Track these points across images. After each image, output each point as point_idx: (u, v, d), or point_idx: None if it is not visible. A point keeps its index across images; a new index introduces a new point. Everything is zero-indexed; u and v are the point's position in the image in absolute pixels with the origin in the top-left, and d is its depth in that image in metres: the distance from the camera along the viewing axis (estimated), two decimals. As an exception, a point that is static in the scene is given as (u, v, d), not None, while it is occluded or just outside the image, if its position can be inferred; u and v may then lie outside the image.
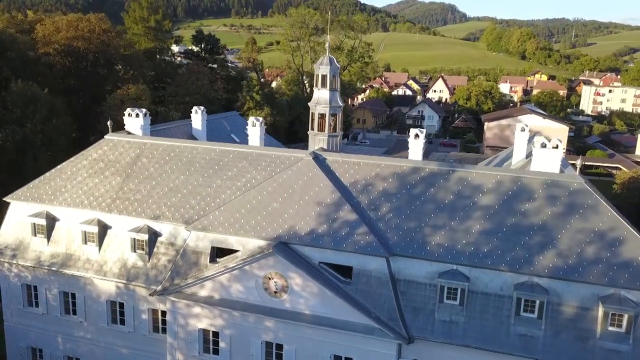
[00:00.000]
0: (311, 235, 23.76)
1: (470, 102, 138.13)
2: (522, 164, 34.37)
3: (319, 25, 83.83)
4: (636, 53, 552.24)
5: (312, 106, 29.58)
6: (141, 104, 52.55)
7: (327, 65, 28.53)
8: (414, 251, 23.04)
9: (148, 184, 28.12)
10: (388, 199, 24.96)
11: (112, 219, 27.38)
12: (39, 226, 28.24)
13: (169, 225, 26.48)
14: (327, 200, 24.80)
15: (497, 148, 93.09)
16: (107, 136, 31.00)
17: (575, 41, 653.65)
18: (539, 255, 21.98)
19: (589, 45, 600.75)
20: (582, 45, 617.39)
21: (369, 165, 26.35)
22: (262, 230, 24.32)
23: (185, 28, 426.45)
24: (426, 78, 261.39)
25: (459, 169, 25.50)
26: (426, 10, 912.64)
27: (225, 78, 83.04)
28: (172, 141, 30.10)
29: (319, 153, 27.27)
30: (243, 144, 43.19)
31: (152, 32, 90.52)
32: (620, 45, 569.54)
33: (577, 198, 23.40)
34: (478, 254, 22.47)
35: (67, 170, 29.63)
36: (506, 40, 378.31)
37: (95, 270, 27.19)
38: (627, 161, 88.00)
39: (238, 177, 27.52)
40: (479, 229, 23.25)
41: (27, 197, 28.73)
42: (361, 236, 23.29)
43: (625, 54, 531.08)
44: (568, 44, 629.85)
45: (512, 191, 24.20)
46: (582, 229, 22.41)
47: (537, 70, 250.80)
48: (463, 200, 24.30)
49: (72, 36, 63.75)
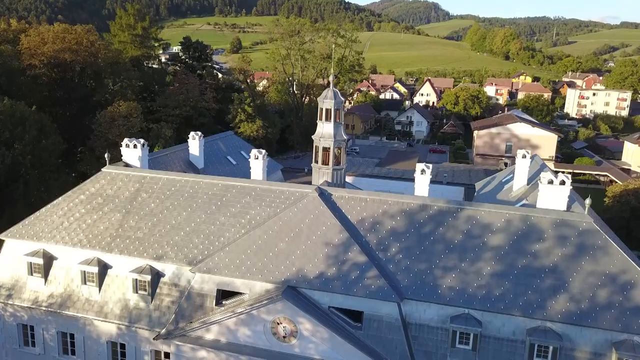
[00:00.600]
0: (320, 278, 23.35)
1: (458, 106, 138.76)
2: (524, 190, 34.42)
3: (309, 36, 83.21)
4: (615, 52, 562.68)
5: (316, 139, 29.12)
6: (132, 121, 51.53)
7: (331, 100, 28.08)
8: (425, 295, 22.77)
9: (149, 221, 27.41)
10: (397, 238, 24.65)
11: (112, 259, 26.63)
12: (35, 265, 27.37)
13: (172, 266, 25.84)
14: (335, 241, 24.41)
15: (487, 156, 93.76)
16: (105, 169, 30.17)
17: (556, 39, 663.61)
18: (552, 299, 21.87)
19: (570, 44, 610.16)
20: (563, 43, 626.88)
21: (376, 202, 26.00)
22: (270, 274, 23.84)
23: (168, 27, 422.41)
24: (412, 80, 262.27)
25: (468, 206, 25.30)
26: (409, 8, 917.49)
27: (214, 87, 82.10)
28: (172, 175, 29.40)
29: (324, 189, 26.85)
30: (239, 165, 42.88)
31: (138, 39, 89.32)
32: (600, 44, 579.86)
33: (586, 238, 23.33)
34: (490, 298, 22.28)
35: (63, 205, 28.74)
36: (490, 41, 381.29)
37: (96, 311, 26.44)
38: (614, 169, 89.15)
39: (242, 214, 26.96)
40: (490, 271, 23.07)
41: (23, 234, 27.82)
42: (372, 280, 22.95)
43: (605, 52, 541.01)
44: (549, 42, 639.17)
45: (522, 231, 24.06)
46: (593, 271, 22.34)
47: (521, 72, 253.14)
48: (473, 240, 24.09)
49: (59, 48, 62.36)
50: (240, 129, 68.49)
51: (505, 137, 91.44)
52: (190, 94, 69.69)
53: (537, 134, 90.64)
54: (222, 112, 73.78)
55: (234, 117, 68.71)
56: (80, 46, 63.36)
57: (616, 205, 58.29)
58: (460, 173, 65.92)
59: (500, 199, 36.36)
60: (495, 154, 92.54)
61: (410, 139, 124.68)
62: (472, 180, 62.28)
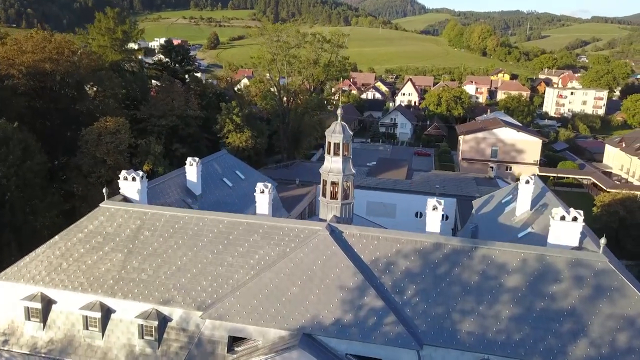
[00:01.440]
0: (337, 325, 22.78)
1: (441, 107, 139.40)
2: (527, 216, 34.40)
3: (295, 42, 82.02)
4: (587, 46, 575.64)
5: (324, 174, 28.43)
6: (120, 137, 49.90)
7: (340, 134, 27.40)
8: (444, 340, 22.41)
9: (153, 261, 26.40)
10: (412, 279, 24.22)
11: (116, 303, 25.56)
12: (33, 310, 26.13)
13: (180, 310, 24.94)
14: (350, 284, 23.85)
15: (474, 161, 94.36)
16: (103, 204, 28.94)
17: (530, 34, 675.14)
18: (572, 345, 21.74)
19: (543, 38, 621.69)
20: (536, 37, 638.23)
21: (388, 241, 25.51)
22: (284, 320, 23.16)
23: (142, 21, 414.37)
24: (392, 77, 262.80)
25: (482, 245, 25.01)
26: (386, 1, 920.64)
27: (199, 93, 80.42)
28: (175, 211, 28.38)
29: (334, 226, 26.23)
30: (235, 187, 41.95)
31: (118, 43, 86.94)
32: (572, 38, 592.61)
33: (603, 279, 23.27)
34: (510, 343, 22.04)
35: (61, 245, 27.48)
36: (467, 37, 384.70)
37: (99, 358, 25.36)
38: (597, 173, 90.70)
39: (250, 254, 26.17)
40: (509, 314, 22.82)
41: (19, 277, 26.52)
42: (390, 326, 22.48)
43: (577, 47, 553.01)
44: (524, 36, 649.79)
45: (538, 271, 23.88)
46: (611, 314, 22.29)
47: (499, 69, 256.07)
48: (489, 282, 23.81)
49: (39, 59, 60.09)
50: (229, 139, 67.21)
51: (491, 141, 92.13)
52: (175, 103, 68.02)
53: (522, 139, 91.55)
54: (208, 120, 72.26)
55: (222, 127, 67.35)
56: (61, 56, 61.19)
57: (605, 215, 59.18)
58: (451, 182, 66.14)
59: (502, 222, 36.32)
60: (481, 158, 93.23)
61: (395, 141, 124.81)
62: (463, 190, 62.58)
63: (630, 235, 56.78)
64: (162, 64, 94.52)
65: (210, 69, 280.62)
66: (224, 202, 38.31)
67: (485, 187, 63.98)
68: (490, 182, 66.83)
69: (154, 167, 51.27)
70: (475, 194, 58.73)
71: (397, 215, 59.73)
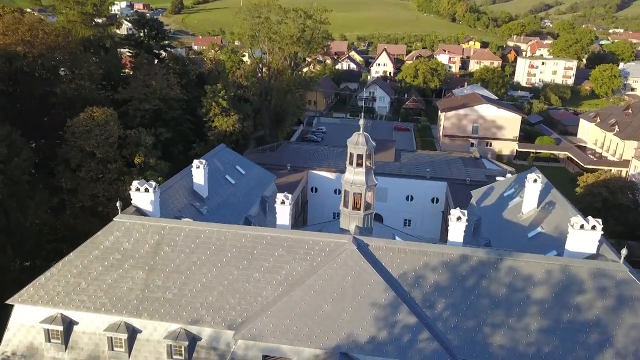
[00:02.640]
0: (372, 343, 23.04)
1: (418, 79, 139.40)
2: (534, 214, 35.18)
3: (276, 18, 79.66)
4: (550, 9, 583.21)
5: (346, 185, 28.10)
6: (110, 129, 47.90)
7: (363, 146, 26.98)
8: (477, 355, 23.02)
9: (177, 279, 25.89)
10: (442, 293, 24.60)
11: (141, 323, 25.11)
12: (53, 332, 25.42)
13: (209, 329, 24.71)
14: (382, 301, 24.04)
15: (455, 137, 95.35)
16: (117, 218, 27.95)
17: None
18: (599, 355, 22.68)
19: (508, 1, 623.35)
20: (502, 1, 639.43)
21: (416, 254, 25.70)
22: (319, 340, 23.26)
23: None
24: (364, 45, 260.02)
25: (507, 257, 25.50)
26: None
27: (179, 72, 77.56)
28: (195, 224, 27.73)
29: (360, 239, 26.20)
30: (238, 183, 41.23)
31: (89, 17, 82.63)
32: (536, 2, 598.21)
33: (625, 290, 24.18)
34: (541, 356, 22.82)
35: (77, 263, 26.57)
36: (437, 2, 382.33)
37: (127, 378, 25.07)
38: (574, 148, 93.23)
39: (277, 269, 25.95)
40: (537, 326, 23.55)
41: (36, 299, 25.61)
42: (425, 343, 22.89)
43: (541, 10, 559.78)
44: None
45: (562, 282, 24.59)
46: (634, 324, 23.28)
47: (470, 37, 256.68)
48: (517, 294, 24.42)
49: (10, 41, 56.57)
50: (215, 123, 65.48)
51: (472, 118, 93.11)
52: (157, 85, 65.49)
53: (503, 116, 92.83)
54: (191, 104, 70.07)
55: (208, 110, 65.47)
56: (35, 38, 57.76)
57: (588, 195, 61.11)
58: (439, 164, 66.77)
59: (508, 218, 37.04)
60: (462, 135, 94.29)
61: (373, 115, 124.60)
62: (453, 173, 63.34)
63: (612, 215, 58.92)
64: (135, 39, 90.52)
65: (177, 36, 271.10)
66: (230, 203, 37.70)
67: (472, 168, 65.00)
68: (476, 163, 67.82)
69: (146, 159, 49.63)
70: (465, 177, 59.68)
71: (389, 200, 60.13)
